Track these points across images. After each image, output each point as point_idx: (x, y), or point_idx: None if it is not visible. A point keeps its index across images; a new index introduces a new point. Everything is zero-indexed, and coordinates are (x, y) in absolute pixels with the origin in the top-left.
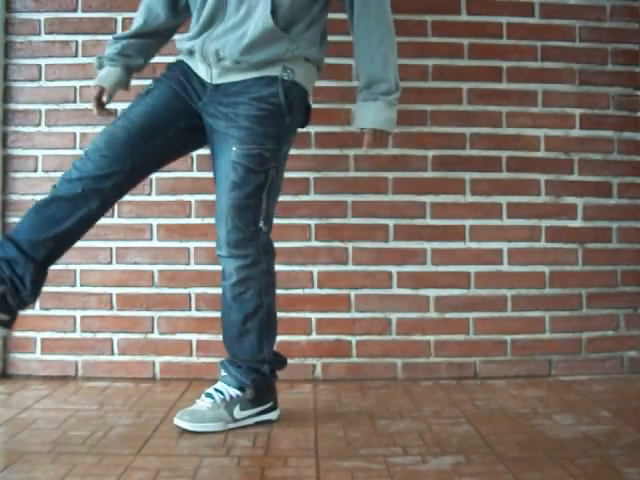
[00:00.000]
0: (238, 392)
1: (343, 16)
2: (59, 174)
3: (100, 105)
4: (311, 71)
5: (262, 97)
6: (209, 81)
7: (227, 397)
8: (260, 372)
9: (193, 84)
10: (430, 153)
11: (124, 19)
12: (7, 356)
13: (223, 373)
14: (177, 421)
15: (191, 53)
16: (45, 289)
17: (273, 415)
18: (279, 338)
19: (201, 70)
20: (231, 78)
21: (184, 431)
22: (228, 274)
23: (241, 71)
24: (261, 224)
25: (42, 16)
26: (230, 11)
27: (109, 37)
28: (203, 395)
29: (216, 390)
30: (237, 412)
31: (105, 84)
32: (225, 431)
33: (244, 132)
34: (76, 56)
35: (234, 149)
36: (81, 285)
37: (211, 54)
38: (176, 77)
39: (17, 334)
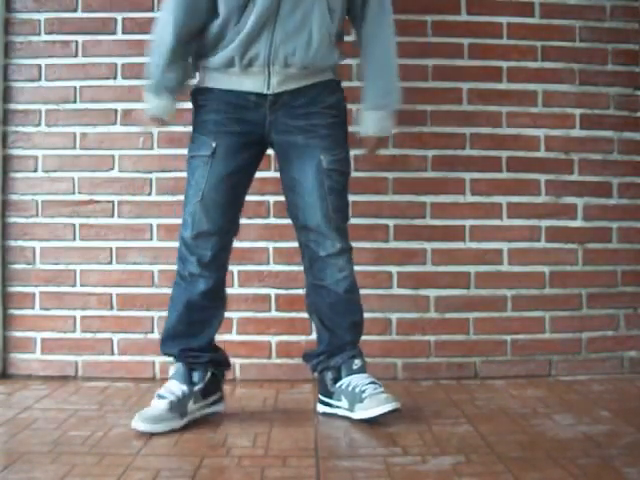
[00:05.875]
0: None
1: None
2: (59, 174)
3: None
4: None
5: (332, 105)
6: (266, 92)
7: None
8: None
9: (247, 109)
10: (430, 153)
11: (124, 19)
12: (7, 356)
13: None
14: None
15: (230, 65)
16: (45, 289)
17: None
18: (279, 338)
19: (252, 83)
20: (292, 85)
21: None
22: (340, 268)
23: (304, 77)
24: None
25: (42, 16)
26: (284, 15)
27: (109, 37)
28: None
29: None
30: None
31: (163, 115)
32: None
33: (327, 140)
34: (76, 56)
35: (322, 157)
36: (81, 285)
37: (279, 61)
38: (228, 118)
39: (17, 334)
